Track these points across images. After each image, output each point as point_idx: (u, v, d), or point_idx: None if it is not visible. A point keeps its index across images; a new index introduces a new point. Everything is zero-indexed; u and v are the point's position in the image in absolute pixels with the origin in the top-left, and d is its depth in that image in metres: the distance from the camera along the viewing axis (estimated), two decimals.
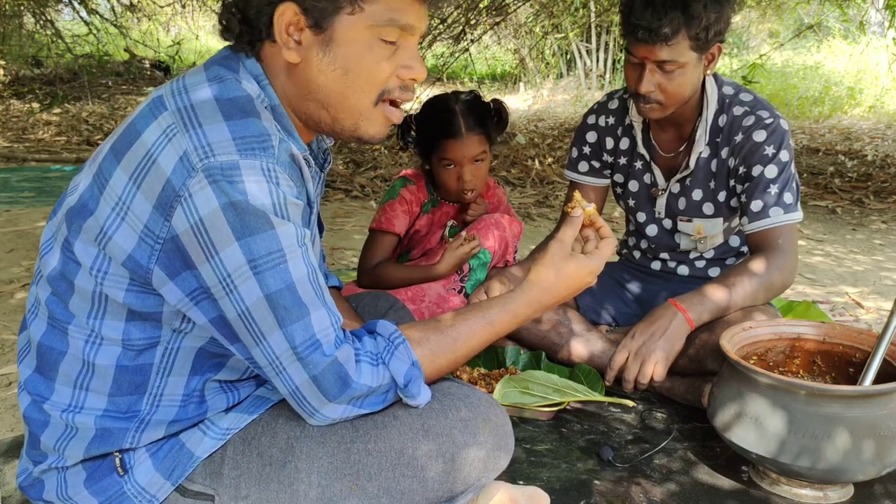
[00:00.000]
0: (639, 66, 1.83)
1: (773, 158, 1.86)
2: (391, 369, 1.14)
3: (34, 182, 5.23)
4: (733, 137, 1.92)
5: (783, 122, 1.90)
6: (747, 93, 1.97)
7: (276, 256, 1.05)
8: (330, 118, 1.18)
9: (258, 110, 1.11)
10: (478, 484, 1.20)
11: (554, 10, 8.32)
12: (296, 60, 1.14)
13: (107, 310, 1.12)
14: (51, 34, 8.44)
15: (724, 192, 1.99)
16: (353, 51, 1.13)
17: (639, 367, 1.77)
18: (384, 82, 1.16)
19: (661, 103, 1.86)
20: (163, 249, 1.06)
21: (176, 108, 1.08)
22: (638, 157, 2.10)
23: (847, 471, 1.44)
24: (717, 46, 1.85)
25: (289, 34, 1.12)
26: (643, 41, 1.77)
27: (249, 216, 1.03)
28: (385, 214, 2.25)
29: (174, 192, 1.03)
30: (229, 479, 1.17)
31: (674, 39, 1.75)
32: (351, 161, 5.88)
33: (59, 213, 1.17)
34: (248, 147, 1.05)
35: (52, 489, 1.21)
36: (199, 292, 1.08)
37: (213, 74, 1.13)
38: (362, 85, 1.15)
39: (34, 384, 1.19)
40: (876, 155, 6.60)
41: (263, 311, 1.06)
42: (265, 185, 1.05)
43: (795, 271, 1.89)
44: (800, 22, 9.58)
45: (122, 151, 1.09)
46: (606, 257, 1.34)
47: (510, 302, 1.28)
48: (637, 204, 2.15)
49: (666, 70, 1.80)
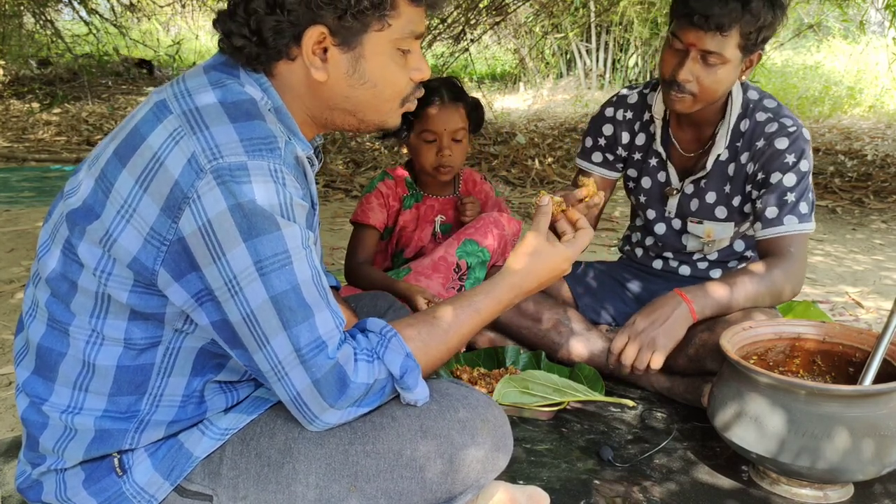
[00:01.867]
0: (681, 53, 1.80)
1: (792, 167, 1.85)
2: (386, 362, 1.15)
3: (34, 182, 5.23)
4: (755, 143, 1.91)
5: (805, 131, 1.89)
6: (771, 99, 1.96)
7: (281, 258, 1.06)
8: (356, 121, 1.24)
9: (262, 113, 1.11)
10: (477, 484, 1.20)
11: (554, 9, 8.32)
12: (324, 79, 1.16)
13: (109, 309, 1.12)
14: (51, 34, 8.45)
15: (738, 197, 1.98)
16: (380, 64, 1.18)
17: (637, 352, 1.76)
18: (406, 89, 1.23)
19: (693, 95, 1.83)
20: (169, 251, 1.06)
21: (181, 111, 1.09)
22: (653, 154, 2.09)
23: (847, 470, 1.44)
24: (758, 53, 1.84)
25: (314, 54, 1.14)
26: (697, 26, 1.74)
27: (257, 217, 1.04)
28: (361, 207, 2.29)
29: (182, 193, 1.03)
30: (228, 480, 1.17)
31: (728, 31, 1.73)
32: (351, 161, 5.88)
33: (56, 215, 1.17)
34: (256, 148, 1.06)
35: (50, 491, 1.21)
36: (204, 294, 1.08)
37: (214, 78, 1.14)
38: (391, 94, 1.21)
39: (33, 386, 1.19)
40: (876, 155, 6.60)
41: (268, 312, 1.06)
42: (272, 186, 1.05)
43: (803, 281, 1.88)
44: (800, 21, 9.58)
45: (126, 156, 1.09)
46: (583, 246, 1.39)
47: (493, 289, 1.31)
48: (648, 201, 2.14)
49: (709, 62, 1.78)
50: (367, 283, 2.20)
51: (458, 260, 2.21)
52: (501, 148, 6.59)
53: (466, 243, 2.21)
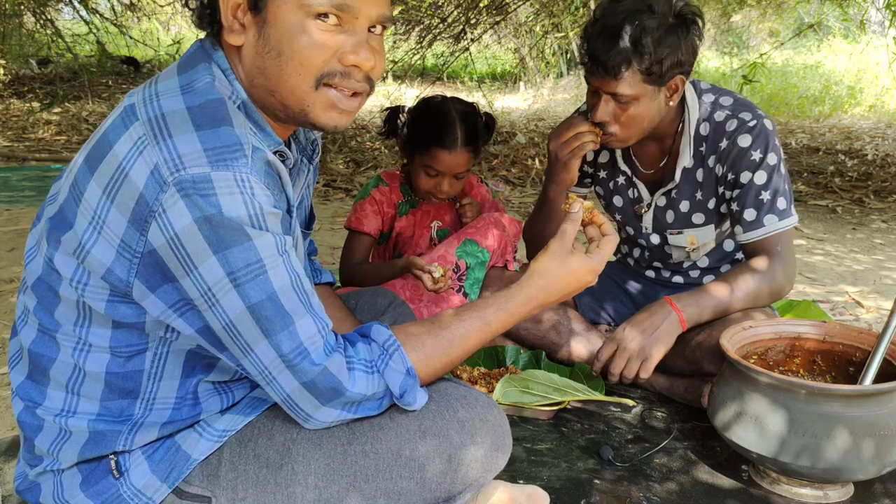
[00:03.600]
0: (596, 95, 1.81)
1: (760, 164, 1.82)
2: (386, 378, 1.13)
3: (34, 181, 5.24)
4: (718, 144, 1.87)
5: (767, 121, 1.85)
6: (727, 95, 1.92)
7: (255, 268, 1.04)
8: (279, 104, 1.14)
9: (230, 115, 1.08)
10: (476, 484, 1.20)
11: (554, 9, 8.33)
12: (238, 43, 1.12)
13: (92, 318, 1.11)
14: (51, 33, 8.45)
15: (713, 200, 1.95)
16: (286, 32, 1.08)
17: (625, 362, 1.76)
18: (320, 66, 1.10)
19: (615, 134, 1.83)
20: (141, 263, 1.04)
21: (147, 118, 1.06)
22: (619, 173, 2.07)
23: (847, 470, 1.44)
24: (680, 78, 1.79)
25: (234, 17, 1.11)
26: (592, 73, 1.76)
27: (224, 229, 1.02)
28: (355, 214, 2.27)
29: (147, 206, 1.01)
30: (226, 482, 1.17)
31: (622, 74, 1.72)
32: (351, 160, 5.88)
33: (42, 220, 1.16)
34: (220, 158, 1.03)
35: (48, 492, 1.21)
36: (183, 304, 1.07)
37: (185, 80, 1.11)
38: (296, 67, 1.10)
39: (26, 390, 1.19)
40: (876, 154, 6.60)
41: (247, 322, 1.05)
42: (239, 197, 1.02)
43: (794, 276, 1.87)
44: (800, 21, 9.58)
45: (95, 164, 1.07)
46: (608, 255, 1.31)
47: (507, 301, 1.26)
48: (624, 219, 2.12)
49: (621, 101, 1.77)
50: (364, 279, 2.19)
51: (458, 260, 2.20)
52: (501, 147, 6.59)
53: (466, 243, 2.21)
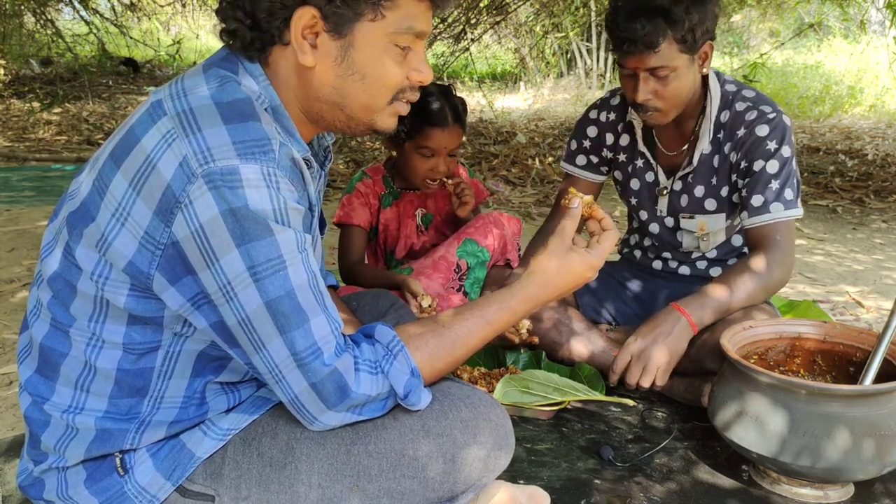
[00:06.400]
0: (632, 77, 1.83)
1: (774, 153, 1.86)
2: (390, 379, 1.14)
3: (35, 181, 5.24)
4: (736, 132, 1.92)
5: (785, 117, 1.90)
6: (749, 90, 1.97)
7: (275, 263, 1.05)
8: (345, 117, 1.19)
9: (258, 113, 1.10)
10: (478, 484, 1.20)
11: (554, 9, 8.33)
12: (311, 64, 1.13)
13: (108, 314, 1.12)
14: (51, 33, 8.45)
15: (726, 188, 1.99)
16: (371, 56, 1.14)
17: (641, 371, 1.78)
18: (398, 85, 1.18)
19: (659, 109, 1.86)
20: (163, 255, 1.05)
21: (175, 112, 1.07)
22: (639, 156, 2.10)
23: (847, 470, 1.44)
24: (709, 44, 1.84)
25: (304, 38, 1.12)
26: (630, 52, 1.77)
27: (249, 223, 1.03)
28: (343, 209, 2.31)
29: (174, 198, 1.03)
30: (230, 480, 1.17)
31: (660, 46, 1.75)
32: (352, 160, 5.88)
33: (60, 216, 1.17)
34: (249, 151, 1.05)
35: (52, 489, 1.21)
36: (200, 297, 1.08)
37: (211, 77, 1.12)
38: (380, 89, 1.17)
39: (35, 385, 1.19)
40: (876, 154, 6.60)
41: (263, 318, 1.06)
42: (265, 191, 1.04)
43: (793, 268, 1.89)
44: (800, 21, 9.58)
45: (121, 157, 1.08)
46: (608, 251, 1.32)
47: (508, 299, 1.26)
48: (639, 202, 2.15)
49: (659, 76, 1.80)
50: (364, 281, 2.21)
51: (459, 260, 2.21)
52: (502, 147, 6.59)
53: (467, 243, 2.22)
